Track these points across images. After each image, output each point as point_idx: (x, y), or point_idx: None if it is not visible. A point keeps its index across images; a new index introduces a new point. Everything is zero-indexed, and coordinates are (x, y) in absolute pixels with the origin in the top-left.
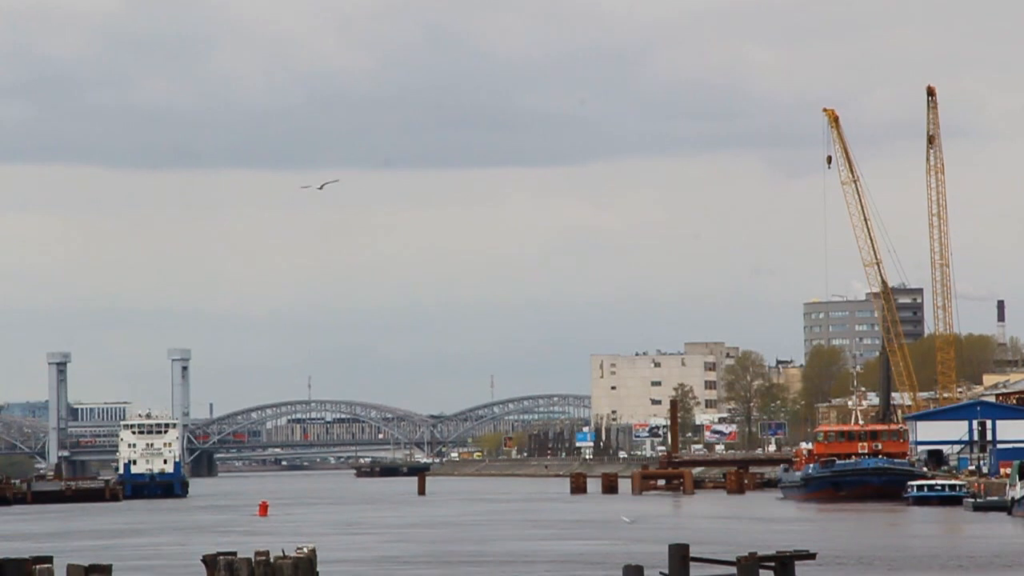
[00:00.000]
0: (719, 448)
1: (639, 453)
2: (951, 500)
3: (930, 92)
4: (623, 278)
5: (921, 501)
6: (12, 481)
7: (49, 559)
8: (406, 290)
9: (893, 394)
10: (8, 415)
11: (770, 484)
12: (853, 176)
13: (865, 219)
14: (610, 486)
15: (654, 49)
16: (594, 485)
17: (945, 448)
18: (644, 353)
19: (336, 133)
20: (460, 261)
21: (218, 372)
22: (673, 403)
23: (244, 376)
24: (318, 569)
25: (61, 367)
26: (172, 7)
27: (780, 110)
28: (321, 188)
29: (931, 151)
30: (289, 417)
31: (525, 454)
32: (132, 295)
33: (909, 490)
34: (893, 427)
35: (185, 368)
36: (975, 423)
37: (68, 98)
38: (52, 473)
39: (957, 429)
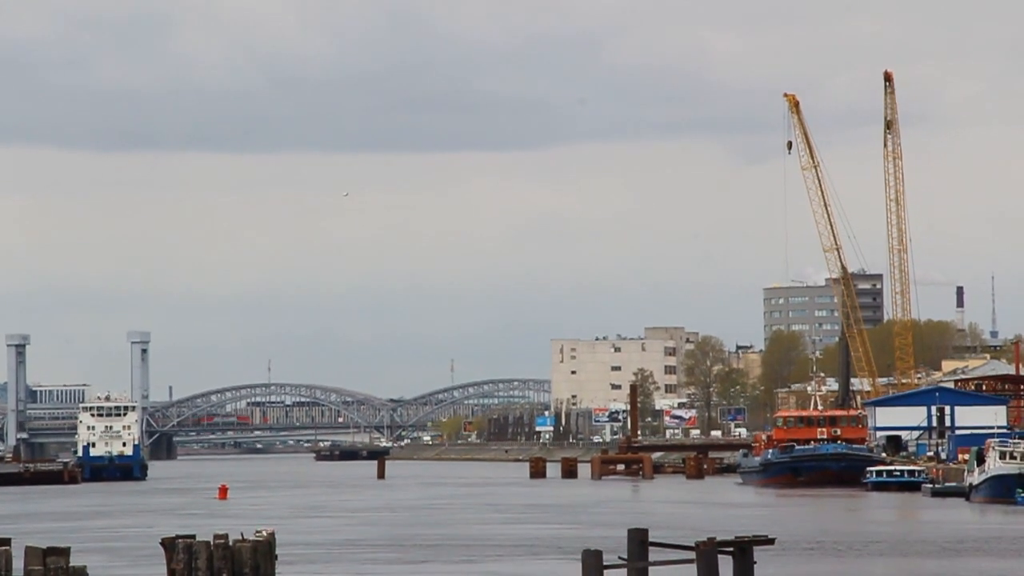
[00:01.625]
0: (694, 433)
1: (599, 439)
2: (910, 486)
3: (887, 78)
4: (584, 263)
5: (880, 487)
6: None
7: (7, 541)
8: (367, 273)
9: (852, 380)
10: None
11: (729, 469)
12: (813, 162)
13: (825, 205)
14: (569, 471)
15: (616, 34)
16: (553, 470)
17: (904, 434)
18: (604, 338)
19: (296, 116)
20: (421, 245)
21: (177, 355)
22: (633, 388)
23: (203, 359)
24: (277, 552)
25: (20, 349)
26: None
27: (740, 96)
28: (346, 195)
29: (888, 137)
30: (249, 400)
31: (485, 438)
32: (91, 277)
33: (868, 476)
34: (852, 413)
35: (144, 351)
36: (934, 409)
37: (26, 79)
38: (10, 455)
39: (916, 415)
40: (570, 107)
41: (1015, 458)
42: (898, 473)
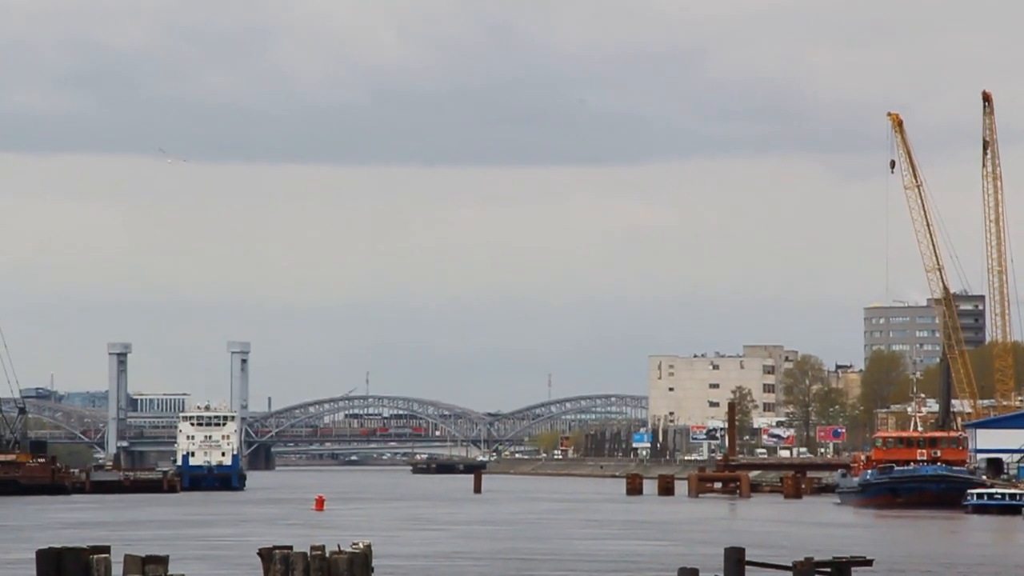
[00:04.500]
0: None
1: (696, 457)
2: (1010, 509)
3: (986, 98)
4: (682, 279)
5: (980, 509)
6: (71, 470)
7: (106, 549)
8: (465, 287)
9: (953, 401)
10: (68, 404)
11: (827, 489)
12: (916, 181)
13: (928, 224)
14: (666, 488)
15: (714, 49)
16: (650, 487)
17: (1004, 456)
18: (702, 355)
19: (394, 129)
20: (519, 259)
21: (276, 366)
22: (731, 406)
23: (302, 370)
24: (373, 564)
25: (122, 357)
26: (234, 1)
27: (838, 112)
28: None
29: (987, 157)
30: (347, 412)
31: (582, 454)
32: (193, 287)
33: (968, 498)
34: (952, 434)
35: (244, 361)
36: None
37: (130, 90)
38: (111, 463)
39: (1017, 437)
40: (668, 122)
41: None
42: (999, 496)
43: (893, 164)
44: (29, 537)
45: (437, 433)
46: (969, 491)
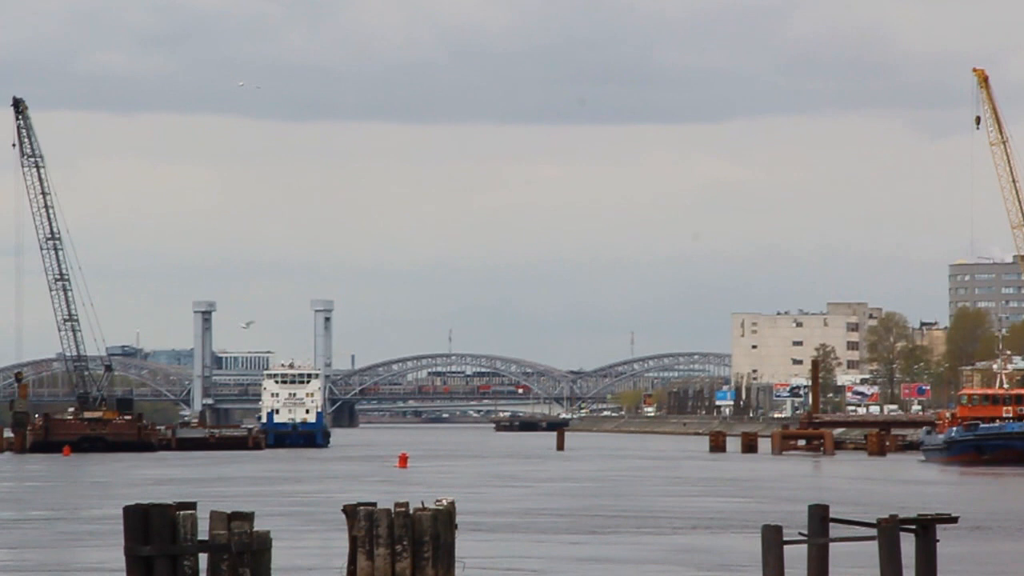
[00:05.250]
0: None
1: (779, 414)
2: None
3: None
4: (764, 236)
5: None
6: (157, 427)
7: (193, 505)
8: (547, 245)
9: None
10: (154, 362)
11: (912, 447)
12: (1002, 137)
13: (1013, 181)
14: (749, 445)
15: (797, 5)
16: (733, 444)
17: None
18: (785, 312)
19: (475, 88)
20: (601, 217)
21: (360, 324)
22: (815, 363)
23: (385, 328)
24: (456, 521)
25: (206, 316)
26: None
27: (923, 69)
28: None
29: None
30: (430, 370)
31: (664, 411)
32: (276, 246)
33: None
34: None
35: (328, 319)
36: None
37: (213, 50)
38: (196, 420)
39: None
40: (750, 79)
41: None
42: None
43: (978, 120)
44: (116, 494)
45: (519, 391)
46: None
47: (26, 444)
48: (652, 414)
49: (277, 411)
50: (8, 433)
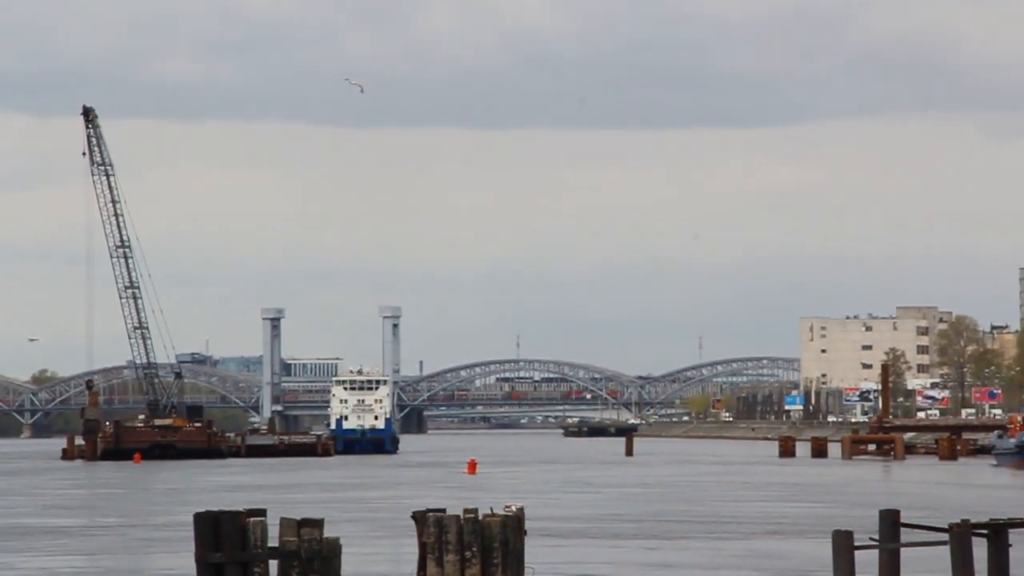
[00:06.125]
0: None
1: (848, 418)
2: None
3: None
4: (832, 240)
5: None
6: (227, 434)
7: (263, 512)
8: (614, 250)
9: None
10: (223, 369)
11: (983, 451)
12: None
13: None
14: (819, 450)
15: (863, 7)
16: (803, 449)
17: None
18: (855, 316)
19: (540, 93)
20: (667, 221)
21: (428, 330)
22: (884, 367)
23: (453, 335)
24: (526, 527)
25: (275, 323)
26: None
27: (988, 70)
28: None
29: None
30: (498, 376)
31: (733, 416)
32: (344, 253)
33: None
34: None
35: (396, 325)
36: None
37: (280, 56)
38: (265, 427)
39: None
40: (814, 82)
41: None
42: None
43: None
44: (187, 500)
45: (588, 396)
46: None
47: (97, 451)
48: (725, 419)
49: (346, 417)
50: (79, 440)
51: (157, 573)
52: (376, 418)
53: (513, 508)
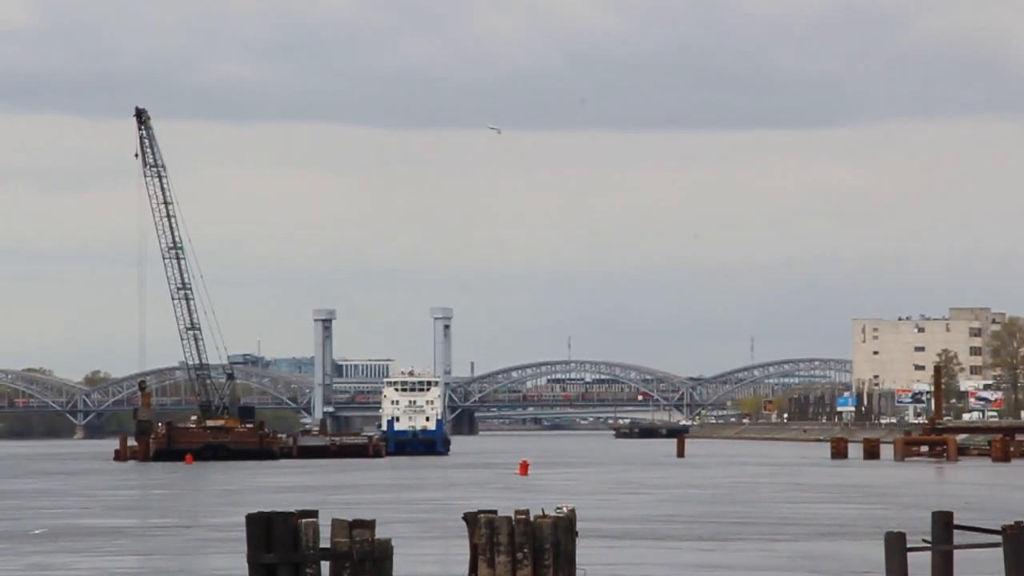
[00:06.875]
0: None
1: (900, 420)
2: None
3: None
4: (884, 240)
5: None
6: (279, 435)
7: (314, 513)
8: (665, 251)
9: None
10: (275, 370)
11: None
12: None
13: None
14: (871, 452)
15: (913, 10)
16: (855, 450)
17: None
18: (907, 318)
19: (592, 94)
20: (719, 222)
21: (479, 331)
22: (937, 369)
23: (504, 336)
24: (577, 529)
25: (327, 324)
26: None
27: None
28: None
29: None
30: (549, 377)
31: (785, 418)
32: (395, 254)
33: None
34: None
35: (447, 327)
36: None
37: (329, 58)
38: (317, 428)
39: None
40: (866, 84)
41: None
42: None
43: None
44: (239, 501)
45: (639, 397)
46: None
47: (149, 452)
48: (780, 420)
49: (397, 419)
50: (132, 441)
51: (210, 574)
52: (427, 419)
53: (565, 509)
